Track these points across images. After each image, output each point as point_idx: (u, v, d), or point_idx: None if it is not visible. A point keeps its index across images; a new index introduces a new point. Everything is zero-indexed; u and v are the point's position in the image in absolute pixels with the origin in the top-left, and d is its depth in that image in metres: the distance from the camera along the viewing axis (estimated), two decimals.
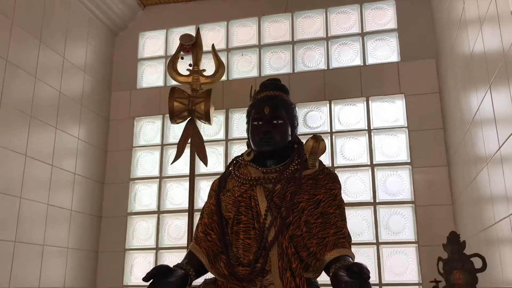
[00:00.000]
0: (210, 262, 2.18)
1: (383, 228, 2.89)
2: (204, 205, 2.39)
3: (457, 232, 1.24)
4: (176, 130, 3.17)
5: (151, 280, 1.96)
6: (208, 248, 2.22)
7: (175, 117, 2.88)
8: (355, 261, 2.00)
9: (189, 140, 2.94)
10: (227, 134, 3.29)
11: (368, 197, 2.96)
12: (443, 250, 1.37)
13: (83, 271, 3.03)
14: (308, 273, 2.03)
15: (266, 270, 2.04)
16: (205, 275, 2.19)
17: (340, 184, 2.30)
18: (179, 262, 2.18)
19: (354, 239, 2.19)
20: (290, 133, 2.37)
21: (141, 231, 3.26)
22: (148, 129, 3.45)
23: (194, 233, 2.35)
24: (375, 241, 2.87)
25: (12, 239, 2.43)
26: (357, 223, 2.87)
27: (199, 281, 2.08)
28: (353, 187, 2.98)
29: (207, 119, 2.88)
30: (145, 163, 3.38)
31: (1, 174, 2.40)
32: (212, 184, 2.43)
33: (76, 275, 2.96)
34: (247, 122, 2.44)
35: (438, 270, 1.26)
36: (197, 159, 2.93)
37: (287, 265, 1.99)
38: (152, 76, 3.57)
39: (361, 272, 1.80)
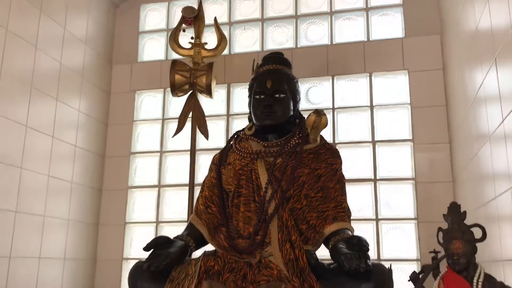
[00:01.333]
0: (210, 234, 2.19)
1: (383, 205, 2.90)
2: (205, 179, 2.39)
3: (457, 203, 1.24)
4: (177, 105, 3.15)
5: (152, 250, 1.98)
6: (208, 220, 2.22)
7: (176, 90, 2.86)
8: (354, 234, 2.01)
9: (190, 114, 2.92)
10: (229, 109, 3.28)
11: (369, 174, 2.95)
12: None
13: (83, 243, 3.05)
14: (307, 246, 2.03)
15: (266, 242, 2.05)
16: (205, 247, 2.20)
17: (341, 159, 2.30)
18: (179, 233, 2.20)
19: (353, 215, 2.19)
20: (292, 107, 2.35)
21: (141, 205, 3.27)
22: (149, 103, 3.43)
23: (194, 205, 2.35)
24: (374, 217, 2.88)
25: (13, 209, 2.44)
26: (357, 199, 2.87)
27: (198, 253, 2.08)
28: (353, 163, 2.97)
29: (209, 92, 2.86)
30: (146, 137, 3.37)
31: (2, 144, 2.39)
32: (213, 157, 2.43)
33: (77, 246, 2.98)
34: (249, 96, 2.43)
35: (438, 241, 1.26)
36: (198, 133, 2.92)
37: (286, 237, 2.00)
38: (153, 49, 3.53)
39: (360, 244, 1.81)
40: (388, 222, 2.88)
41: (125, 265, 3.13)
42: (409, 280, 1.34)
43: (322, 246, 2.05)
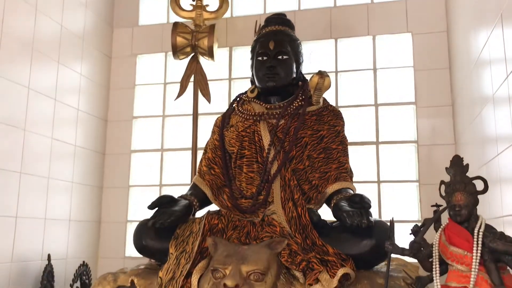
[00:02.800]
0: (213, 194, 2.21)
1: (385, 167, 2.91)
2: (208, 141, 2.40)
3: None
4: (179, 69, 3.13)
5: (156, 208, 2.01)
6: (211, 181, 2.25)
7: (177, 53, 2.85)
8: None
9: (192, 78, 2.91)
10: (231, 72, 3.26)
11: (371, 137, 2.96)
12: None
13: (88, 205, 3.08)
14: (310, 205, 2.06)
15: (269, 202, 2.07)
16: (208, 207, 2.23)
17: (343, 121, 2.30)
18: (183, 193, 2.22)
19: (355, 178, 2.20)
20: (294, 69, 2.35)
21: (144, 169, 3.30)
22: (150, 67, 3.41)
23: (197, 167, 2.37)
24: (376, 180, 2.90)
25: (17, 170, 2.46)
26: (359, 162, 2.88)
27: (202, 213, 2.11)
28: (356, 126, 2.97)
29: (210, 54, 2.84)
30: (148, 101, 3.36)
31: (5, 106, 2.40)
32: (216, 120, 2.43)
33: (81, 208, 3.01)
34: (251, 58, 2.41)
35: (440, 194, 1.28)
36: (200, 97, 2.92)
37: (289, 196, 2.03)
38: (154, 12, 3.49)
39: (362, 201, 1.84)
40: (390, 185, 2.90)
41: (129, 227, 3.18)
42: (410, 234, 1.36)
43: (325, 208, 2.08)
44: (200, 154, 2.47)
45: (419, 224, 1.45)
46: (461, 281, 1.15)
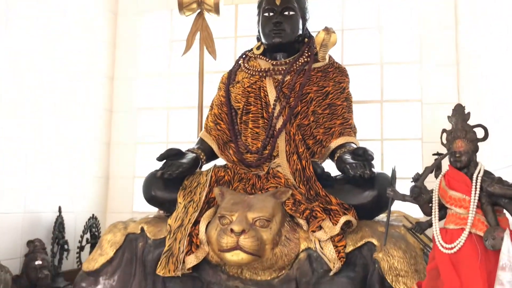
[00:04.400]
0: (220, 149, 2.27)
1: (389, 126, 2.95)
2: (214, 97, 2.43)
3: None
4: (184, 27, 3.12)
5: (164, 161, 2.06)
6: (217, 136, 2.30)
7: (183, 9, 2.83)
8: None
9: (198, 35, 2.91)
10: (236, 29, 3.26)
11: (376, 95, 2.98)
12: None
13: (96, 161, 3.14)
14: (314, 159, 2.11)
15: (274, 156, 2.12)
16: (215, 161, 2.28)
17: (348, 78, 2.32)
18: (190, 148, 2.27)
19: (359, 136, 2.24)
20: (301, 26, 2.35)
21: (151, 126, 3.34)
22: (156, 24, 3.40)
23: (204, 123, 2.41)
24: (380, 138, 2.94)
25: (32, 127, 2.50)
26: (363, 120, 2.91)
27: (208, 167, 2.16)
28: (361, 84, 2.99)
29: (216, 10, 2.83)
30: (153, 59, 3.37)
31: None
32: (222, 77, 2.46)
33: (89, 164, 3.07)
34: (258, 14, 2.41)
35: (441, 142, 1.32)
36: (206, 54, 2.92)
37: (294, 150, 2.07)
38: None
39: (365, 154, 1.88)
40: (394, 142, 2.94)
41: (136, 183, 3.24)
42: (412, 181, 1.40)
43: (330, 164, 2.13)
44: (205, 112, 2.50)
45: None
46: (459, 223, 1.20)
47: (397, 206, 1.83)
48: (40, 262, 2.26)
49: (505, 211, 1.21)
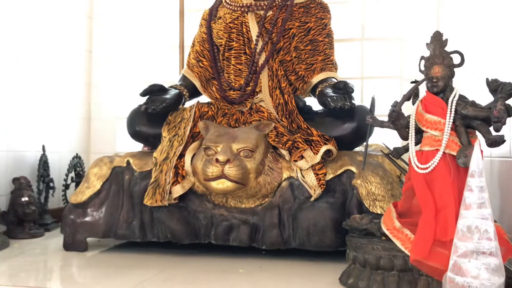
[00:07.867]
0: (202, 86, 2.28)
1: (369, 64, 2.98)
2: (196, 35, 2.41)
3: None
4: None
5: (148, 96, 2.08)
6: (200, 73, 2.30)
7: None
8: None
9: None
10: None
11: (357, 33, 2.99)
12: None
13: (78, 103, 3.12)
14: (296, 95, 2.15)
15: (256, 92, 2.15)
16: (197, 98, 2.30)
17: (330, 14, 2.32)
18: (173, 84, 2.28)
19: (339, 74, 2.26)
20: None
21: (132, 66, 3.31)
22: None
23: (186, 60, 2.41)
24: (360, 76, 2.98)
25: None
26: (344, 58, 2.93)
27: (191, 103, 2.18)
28: (342, 21, 2.98)
29: None
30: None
31: None
32: (203, 13, 2.43)
33: (71, 105, 3.06)
34: None
35: (419, 69, 1.36)
36: None
37: (276, 85, 2.10)
38: None
39: (346, 87, 1.93)
40: (373, 80, 2.98)
41: (118, 124, 3.24)
42: (390, 109, 1.45)
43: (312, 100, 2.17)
44: (187, 51, 2.48)
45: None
46: (433, 145, 1.27)
47: (376, 138, 1.90)
48: (27, 199, 2.29)
49: (477, 133, 1.28)
